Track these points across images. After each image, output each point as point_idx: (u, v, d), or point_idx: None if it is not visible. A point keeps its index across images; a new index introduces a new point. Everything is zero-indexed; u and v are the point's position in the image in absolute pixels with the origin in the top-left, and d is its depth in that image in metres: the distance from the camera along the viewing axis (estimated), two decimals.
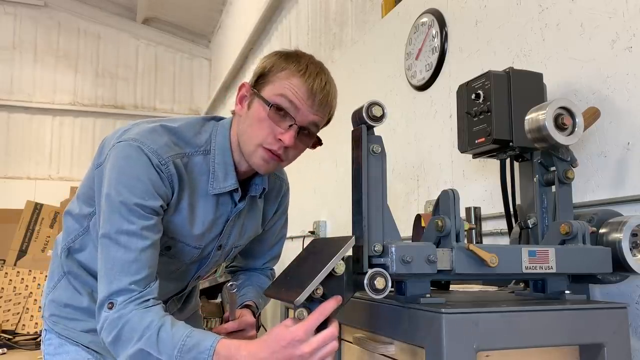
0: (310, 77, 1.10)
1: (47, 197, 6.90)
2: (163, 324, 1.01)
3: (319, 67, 1.14)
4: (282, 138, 1.10)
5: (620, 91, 1.37)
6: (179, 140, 1.14)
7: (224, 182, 1.17)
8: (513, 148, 1.32)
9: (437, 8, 2.22)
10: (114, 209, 1.05)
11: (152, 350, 0.98)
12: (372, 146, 0.97)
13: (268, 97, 1.11)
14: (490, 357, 0.96)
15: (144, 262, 1.04)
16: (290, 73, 1.11)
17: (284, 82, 1.11)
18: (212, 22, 7.46)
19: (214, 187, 1.16)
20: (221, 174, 1.16)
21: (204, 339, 0.99)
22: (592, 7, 1.47)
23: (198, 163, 1.15)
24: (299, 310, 0.92)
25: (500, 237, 1.76)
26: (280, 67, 1.12)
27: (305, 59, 1.14)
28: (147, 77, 7.89)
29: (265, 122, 1.11)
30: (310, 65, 1.13)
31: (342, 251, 0.90)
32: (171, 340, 0.99)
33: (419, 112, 2.29)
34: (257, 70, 1.16)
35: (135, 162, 1.07)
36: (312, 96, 1.10)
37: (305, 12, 4.13)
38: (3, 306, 5.89)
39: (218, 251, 1.29)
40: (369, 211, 0.95)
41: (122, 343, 1.01)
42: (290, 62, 1.12)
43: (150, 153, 1.08)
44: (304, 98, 1.10)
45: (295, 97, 1.10)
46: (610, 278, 1.17)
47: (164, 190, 1.09)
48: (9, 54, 7.21)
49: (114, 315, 1.02)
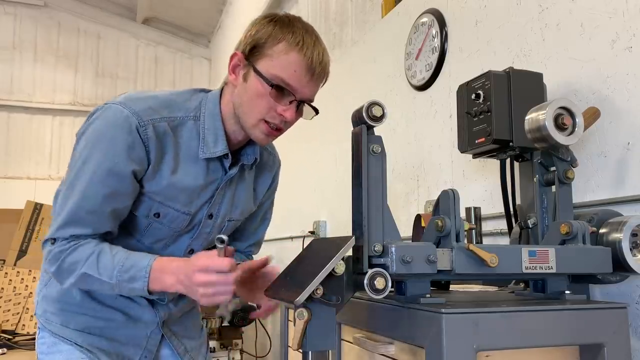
0: (308, 49, 1.09)
1: (47, 197, 6.81)
2: (102, 250, 1.10)
3: (314, 36, 1.13)
4: (284, 114, 1.12)
5: (620, 91, 1.37)
6: (169, 104, 1.15)
7: (214, 147, 1.17)
8: (513, 148, 1.32)
9: (437, 8, 2.22)
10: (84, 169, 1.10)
11: (94, 273, 1.08)
12: (372, 146, 0.97)
13: (267, 73, 1.10)
14: (490, 357, 0.96)
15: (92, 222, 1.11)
16: (288, 46, 1.09)
17: (282, 58, 1.09)
18: (212, 22, 7.45)
19: (204, 151, 1.17)
20: (211, 139, 1.17)
21: (141, 258, 1.10)
22: (592, 7, 1.47)
23: (189, 128, 1.17)
24: (299, 310, 0.92)
25: (500, 237, 1.76)
26: (276, 38, 1.10)
27: (299, 28, 1.12)
28: (147, 77, 7.88)
29: (265, 98, 1.11)
30: (306, 35, 1.11)
31: (342, 251, 0.90)
32: (111, 262, 1.09)
33: (419, 112, 2.29)
34: (249, 39, 1.13)
35: (113, 129, 1.09)
36: (312, 71, 1.11)
37: (305, 12, 4.13)
38: (3, 306, 5.88)
39: (209, 220, 1.27)
40: (369, 211, 0.95)
41: (66, 272, 1.10)
42: (286, 32, 1.10)
43: (131, 114, 1.09)
44: (304, 74, 1.10)
45: (295, 76, 1.10)
46: (610, 278, 1.17)
47: (139, 154, 1.11)
48: (9, 53, 7.20)
49: (56, 249, 1.10)
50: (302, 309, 0.92)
